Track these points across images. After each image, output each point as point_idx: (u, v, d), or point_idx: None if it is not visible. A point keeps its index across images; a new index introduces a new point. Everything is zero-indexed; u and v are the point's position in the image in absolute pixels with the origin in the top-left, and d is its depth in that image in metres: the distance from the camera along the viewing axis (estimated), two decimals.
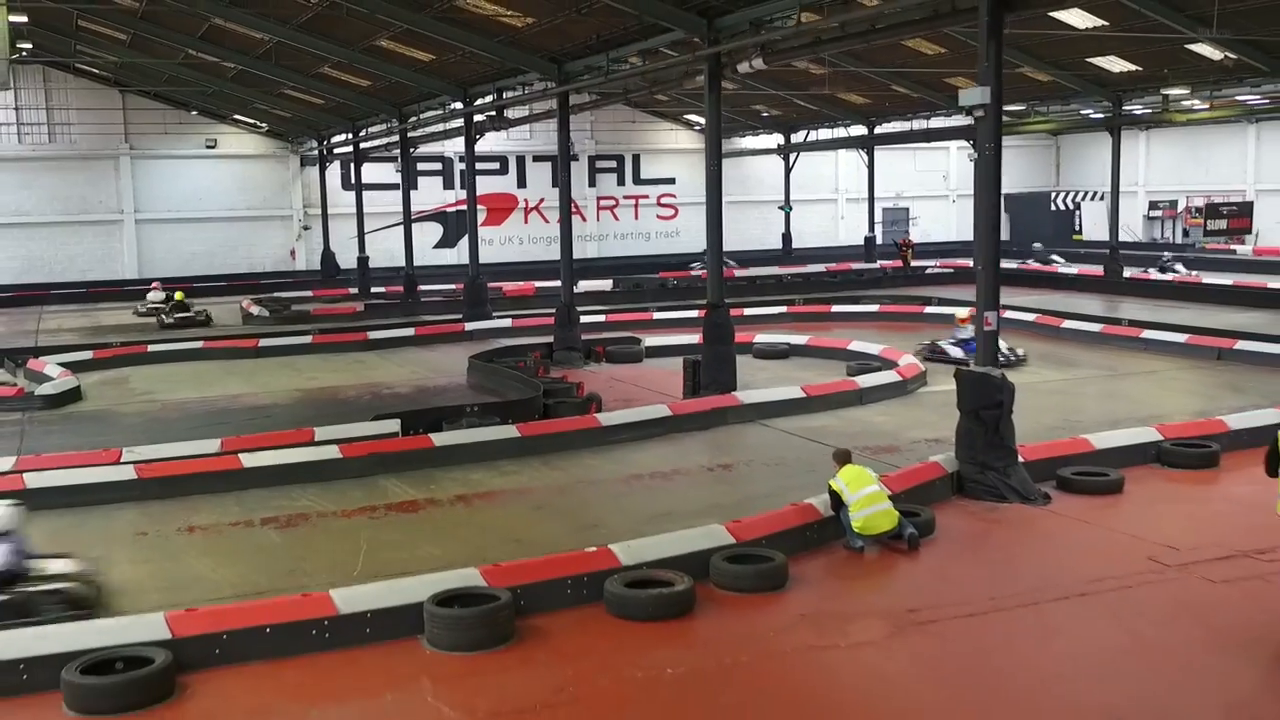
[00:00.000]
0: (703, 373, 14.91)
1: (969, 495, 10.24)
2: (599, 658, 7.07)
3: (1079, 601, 7.76)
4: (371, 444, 12.25)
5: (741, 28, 13.76)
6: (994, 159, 10.32)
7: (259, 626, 7.16)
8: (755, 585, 8.06)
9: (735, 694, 6.50)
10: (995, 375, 10.34)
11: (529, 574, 7.84)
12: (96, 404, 16.77)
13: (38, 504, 10.58)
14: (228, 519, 10.39)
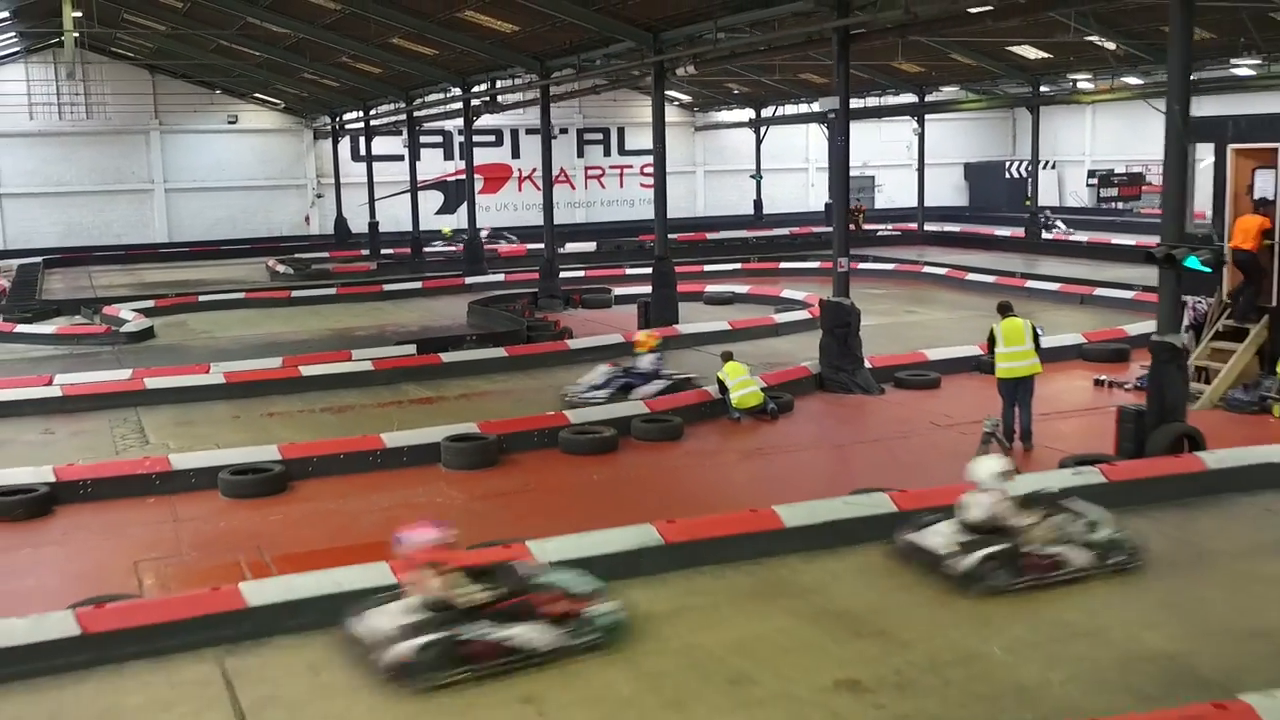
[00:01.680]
0: (651, 311, 18.95)
1: (827, 390, 14.30)
2: (551, 472, 11.16)
3: (870, 443, 11.86)
4: (395, 360, 16.32)
5: (678, 41, 17.71)
6: (844, 147, 14.24)
7: (335, 454, 11.25)
8: (660, 437, 12.13)
9: (634, 487, 10.57)
10: (846, 303, 14.36)
11: (509, 427, 11.93)
12: (168, 339, 20.75)
13: (155, 400, 14.73)
14: (295, 408, 14.43)
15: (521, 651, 6.83)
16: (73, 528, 9.95)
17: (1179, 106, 9.86)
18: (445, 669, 6.61)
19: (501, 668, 6.74)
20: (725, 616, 7.64)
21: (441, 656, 6.61)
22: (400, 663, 6.60)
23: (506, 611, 6.89)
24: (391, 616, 6.85)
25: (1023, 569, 7.81)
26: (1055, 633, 7.26)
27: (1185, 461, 9.86)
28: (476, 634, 6.73)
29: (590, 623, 7.06)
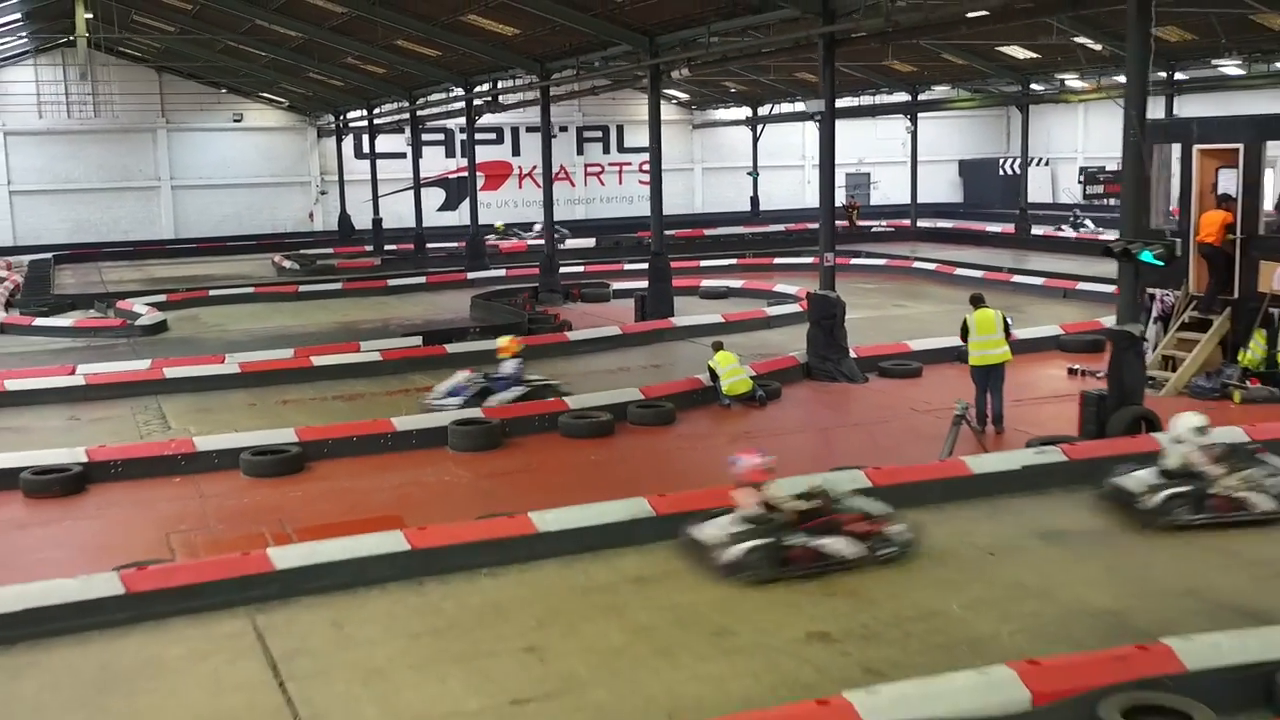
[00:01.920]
0: (648, 304, 19.68)
1: (813, 378, 15.04)
2: (551, 453, 11.91)
3: (852, 427, 12.61)
4: (402, 350, 17.06)
5: (673, 45, 18.43)
6: (830, 148, 14.95)
7: (349, 437, 11.99)
8: (654, 421, 12.87)
9: (629, 467, 11.32)
10: (832, 296, 15.09)
11: (512, 412, 12.68)
12: (180, 333, 21.48)
13: (174, 389, 15.46)
14: (307, 396, 15.17)
15: (832, 559, 8.22)
16: (105, 504, 10.69)
17: (1135, 111, 10.59)
18: (769, 569, 8.07)
19: (816, 571, 8.14)
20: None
21: (765, 559, 8.09)
22: (732, 562, 8.07)
23: (819, 526, 8.33)
24: (723, 526, 8.35)
25: (1209, 509, 8.88)
26: (1009, 593, 7.99)
27: (1141, 441, 10.59)
28: (797, 542, 8.18)
29: (888, 540, 8.40)
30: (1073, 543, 8.93)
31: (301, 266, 31.56)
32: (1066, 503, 9.84)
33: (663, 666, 6.97)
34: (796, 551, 8.18)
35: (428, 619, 7.80)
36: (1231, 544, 8.80)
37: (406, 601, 8.08)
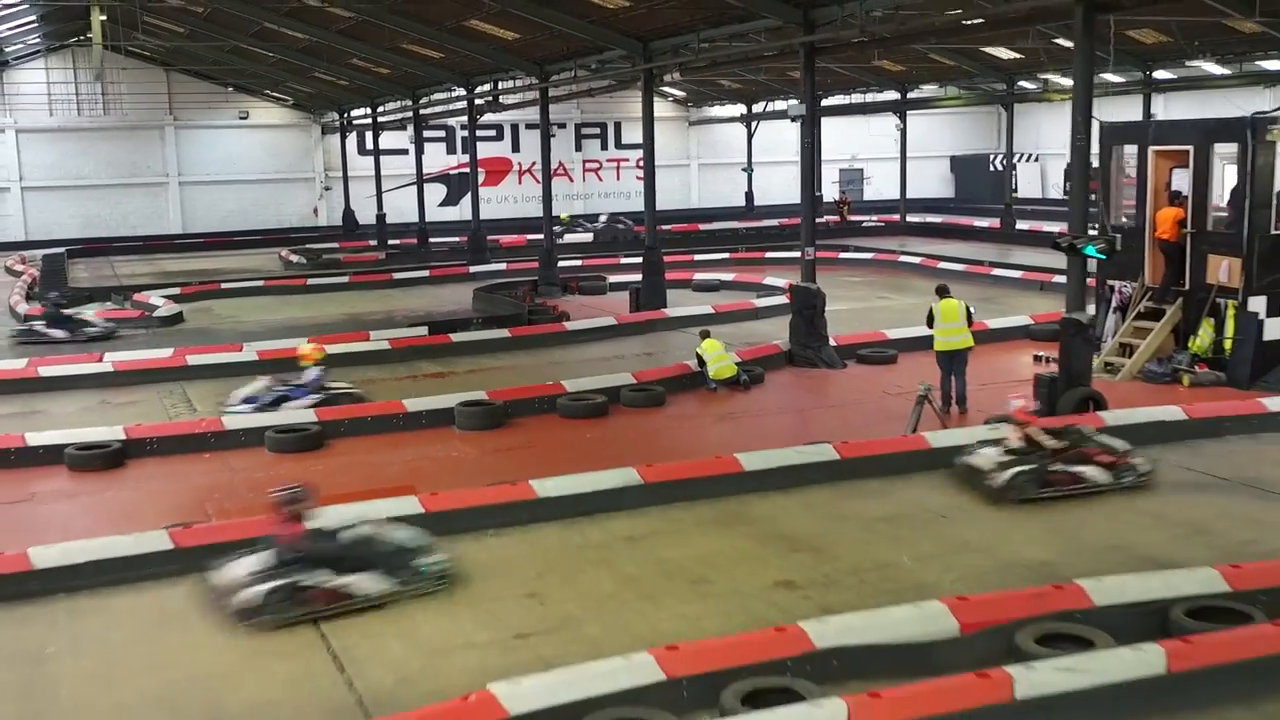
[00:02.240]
0: (642, 296, 20.70)
1: (795, 364, 16.07)
2: (550, 432, 12.94)
3: (828, 408, 13.66)
4: (410, 339, 18.09)
5: (665, 50, 19.44)
6: (810, 149, 15.96)
7: (364, 417, 13.04)
8: (645, 403, 13.90)
9: (621, 443, 12.34)
10: (813, 288, 16.11)
11: (513, 394, 13.71)
12: (196, 323, 22.49)
13: (196, 375, 16.48)
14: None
15: (1087, 483, 9.95)
16: (144, 477, 11.72)
17: (1081, 118, 11.61)
18: (1032, 489, 9.83)
19: (1074, 493, 9.90)
20: (689, 537, 9.41)
21: (1031, 481, 9.86)
22: (1002, 485, 9.87)
23: (1073, 456, 10.09)
24: (991, 456, 10.19)
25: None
26: (953, 547, 9.04)
27: (1087, 419, 11.62)
28: (1057, 468, 9.95)
29: (1133, 469, 10.14)
30: (1017, 507, 9.95)
31: (308, 261, 32.57)
32: None
33: (647, 609, 8.01)
34: (1057, 476, 9.94)
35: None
36: (1158, 507, 9.84)
37: None
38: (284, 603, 7.85)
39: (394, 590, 8.17)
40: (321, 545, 8.23)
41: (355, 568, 8.16)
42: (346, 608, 7.99)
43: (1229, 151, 14.65)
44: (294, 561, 8.06)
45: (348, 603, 8.01)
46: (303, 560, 8.08)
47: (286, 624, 7.79)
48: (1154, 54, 28.06)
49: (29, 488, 11.34)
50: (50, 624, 8.03)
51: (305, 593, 7.95)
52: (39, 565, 8.47)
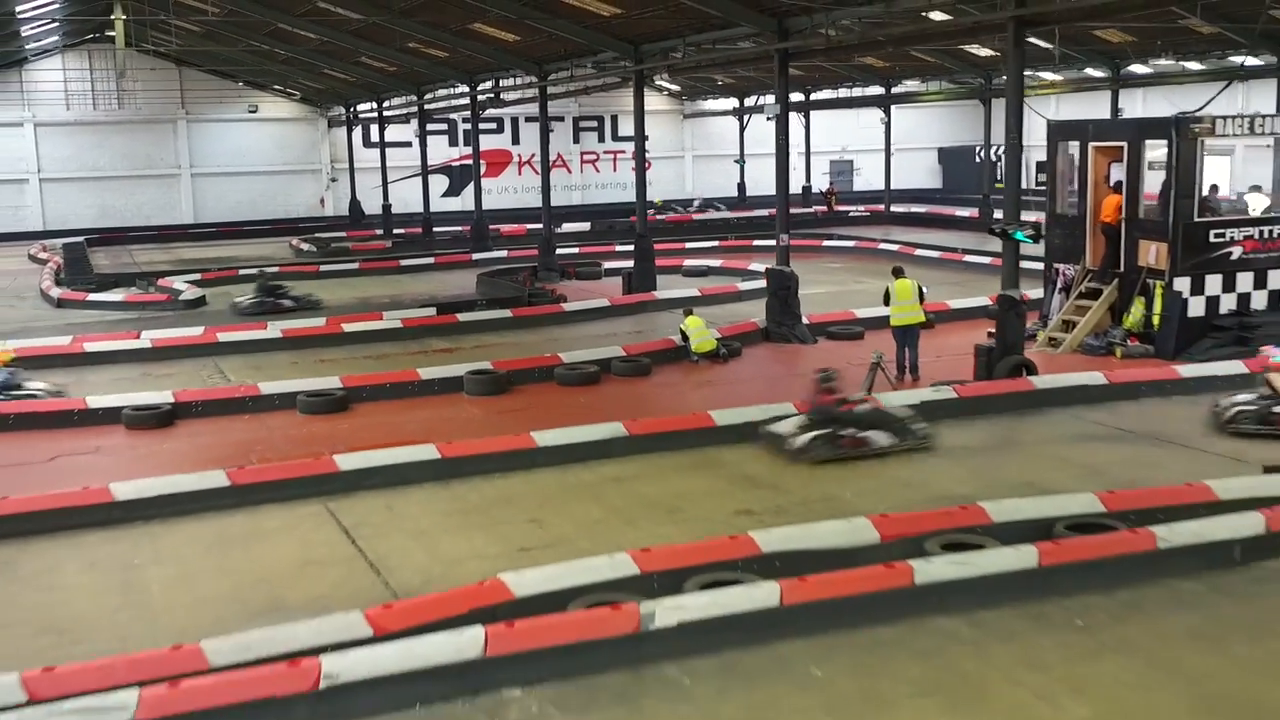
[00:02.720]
0: (633, 280, 22.34)
1: (771, 340, 17.70)
2: (548, 397, 14.59)
3: (797, 377, 15.20)
4: (420, 319, 19.71)
5: (655, 52, 21.05)
6: (784, 142, 17.55)
7: (383, 383, 14.68)
8: (633, 373, 15.55)
9: (611, 405, 13.94)
10: (787, 270, 17.73)
11: (515, 365, 15.35)
12: (218, 306, 24.07)
13: (226, 351, 18.10)
14: (340, 356, 17.78)
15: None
16: (192, 434, 13.36)
17: (1013, 119, 13.22)
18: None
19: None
20: (667, 479, 11.06)
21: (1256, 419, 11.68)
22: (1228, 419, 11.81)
23: None
24: (1239, 401, 11.95)
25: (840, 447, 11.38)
26: (891, 485, 10.68)
27: (1018, 383, 13.27)
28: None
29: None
30: (951, 456, 11.60)
31: (318, 249, 34.17)
32: (956, 428, 12.51)
33: (628, 530, 9.66)
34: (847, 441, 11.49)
35: (455, 503, 10.49)
36: (1066, 453, 11.49)
37: (439, 494, 10.77)
38: (824, 446, 11.19)
39: (895, 445, 11.42)
40: (846, 412, 11.58)
41: (870, 428, 11.43)
42: (863, 453, 11.24)
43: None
44: (829, 421, 11.41)
45: (865, 448, 11.28)
46: (835, 420, 11.41)
47: (822, 461, 11.10)
48: (1120, 52, 29.68)
49: (93, 442, 12.99)
50: (133, 543, 9.67)
51: (839, 440, 11.28)
52: (120, 497, 10.11)
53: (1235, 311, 15.91)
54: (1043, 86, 32.83)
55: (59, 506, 9.92)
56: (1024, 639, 7.39)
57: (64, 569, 9.16)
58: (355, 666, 6.63)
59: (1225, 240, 15.75)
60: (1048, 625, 7.58)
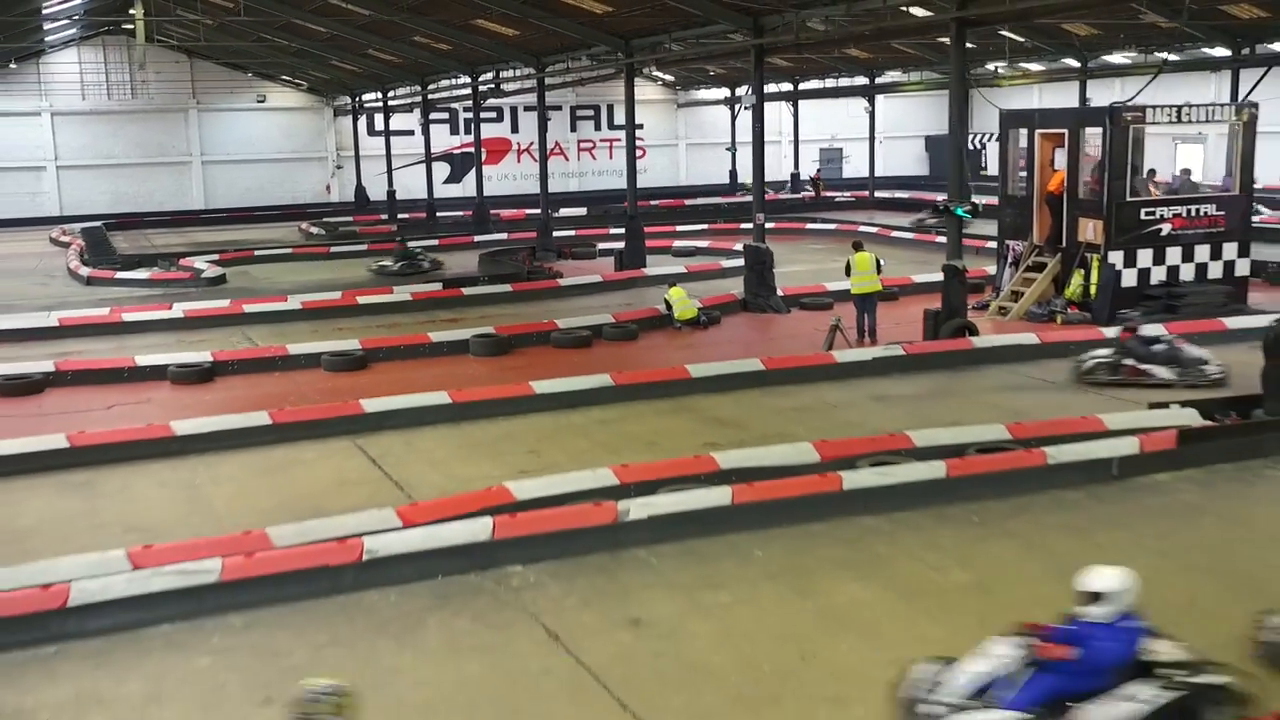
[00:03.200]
0: (624, 258, 24.07)
1: (748, 310, 19.45)
2: (544, 357, 16.34)
3: (769, 340, 16.96)
4: (427, 293, 21.45)
5: (644, 47, 22.76)
6: (759, 130, 19.25)
7: (397, 345, 16.43)
8: (621, 338, 17.30)
9: (600, 364, 15.62)
10: (763, 247, 19.45)
11: (515, 329, 17.12)
12: (238, 284, 25.81)
13: (251, 321, 19.83)
14: (356, 325, 19.48)
15: None
16: (230, 388, 15.11)
17: (956, 109, 14.93)
18: None
19: None
20: (647, 420, 12.81)
21: None
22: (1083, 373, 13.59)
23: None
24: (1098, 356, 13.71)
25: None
26: (839, 425, 12.41)
27: (960, 343, 15.02)
28: None
29: None
30: (892, 401, 13.37)
31: (326, 232, 35.86)
32: (901, 380, 14.30)
33: (612, 459, 11.34)
34: None
35: (465, 440, 12.25)
36: (992, 399, 13.25)
37: (450, 432, 12.53)
38: (1105, 371, 13.34)
39: (1175, 380, 13.10)
40: (1141, 347, 13.49)
41: (1161, 363, 13.21)
42: (1141, 383, 13.04)
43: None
44: (1128, 353, 13.50)
45: (1144, 379, 13.10)
46: (1127, 352, 13.46)
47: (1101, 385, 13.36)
48: (1088, 44, 31.36)
49: (144, 395, 14.74)
50: (193, 470, 11.42)
51: (1120, 369, 13.26)
52: (179, 433, 11.87)
53: (1165, 282, 17.63)
54: (1015, 77, 34.50)
55: (129, 439, 11.68)
56: (929, 530, 9.15)
57: (137, 487, 10.92)
58: (390, 544, 8.39)
59: (1155, 218, 17.48)
60: (950, 521, 9.33)
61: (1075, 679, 5.85)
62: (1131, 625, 5.98)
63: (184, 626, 7.71)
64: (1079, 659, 5.85)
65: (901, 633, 7.38)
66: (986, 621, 7.21)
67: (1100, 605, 5.92)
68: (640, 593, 8.12)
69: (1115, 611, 5.92)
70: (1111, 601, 5.91)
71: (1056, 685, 5.86)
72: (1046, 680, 5.88)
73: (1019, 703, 5.85)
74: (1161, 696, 5.80)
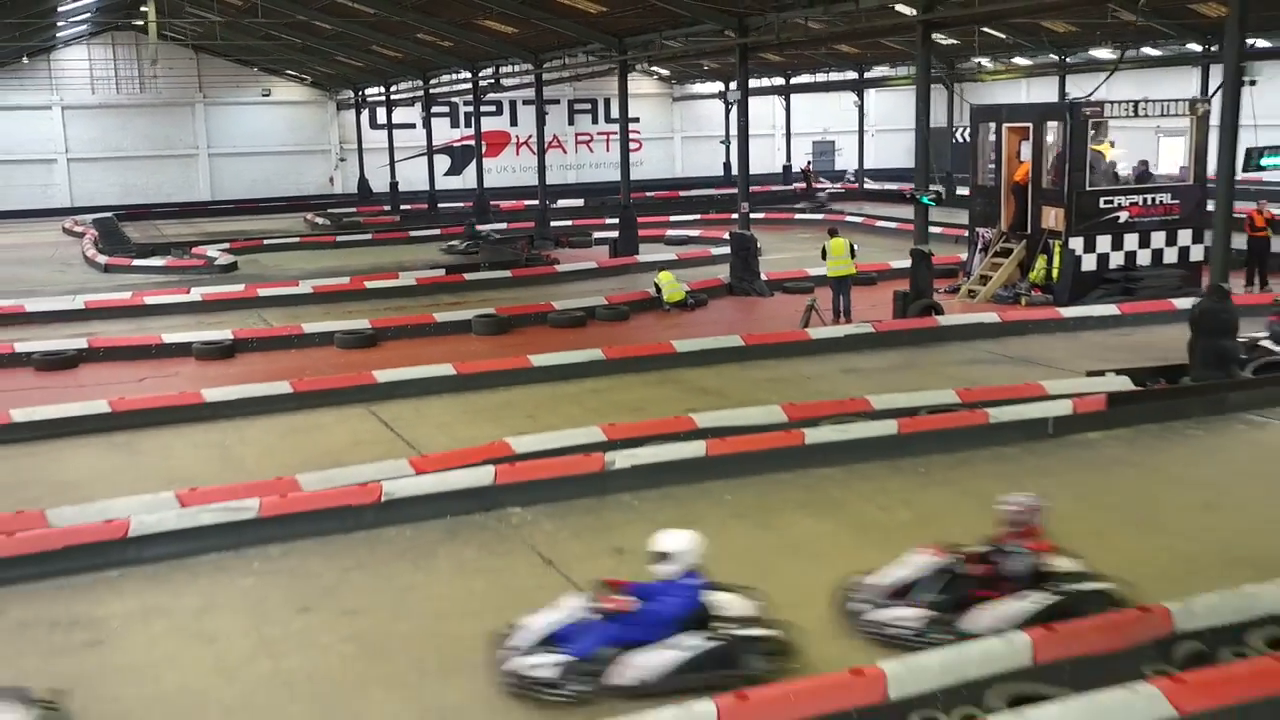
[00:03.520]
0: (618, 246, 25.27)
1: (734, 293, 20.65)
2: (541, 335, 17.55)
3: (751, 321, 18.16)
4: (432, 278, 22.65)
5: (636, 45, 23.94)
6: (744, 123, 20.42)
7: (405, 325, 17.64)
8: (613, 318, 18.51)
9: (593, 341, 16.86)
10: (748, 234, 20.65)
11: (515, 310, 18.33)
12: (249, 270, 27.00)
13: (265, 304, 21.03)
14: (364, 308, 20.67)
15: None
16: (250, 363, 16.32)
17: (922, 105, 16.11)
18: None
19: None
20: (635, 390, 14.02)
21: None
22: None
23: None
24: None
25: None
26: (811, 394, 13.60)
27: (926, 321, 16.22)
28: None
29: None
30: (861, 373, 14.57)
31: (331, 223, 37.04)
32: (870, 355, 15.51)
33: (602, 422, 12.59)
34: None
35: (469, 407, 13.46)
36: (955, 372, 14.45)
37: (455, 400, 13.74)
38: None
39: None
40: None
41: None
42: None
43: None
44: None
45: None
46: None
47: None
48: (1066, 41, 32.51)
49: (172, 369, 15.96)
50: (223, 432, 12.64)
51: None
52: (209, 400, 13.08)
53: (1123, 267, 18.82)
54: (999, 72, 35.69)
55: (165, 405, 12.91)
56: (880, 479, 10.37)
57: (174, 447, 12.14)
58: (405, 487, 9.60)
59: (1114, 206, 18.67)
60: (899, 472, 10.55)
61: (636, 629, 6.56)
62: (693, 582, 6.66)
63: (228, 555, 8.92)
64: (640, 611, 6.61)
65: (847, 558, 8.58)
66: None
67: (666, 564, 6.68)
68: (623, 528, 9.33)
69: (680, 570, 6.64)
70: (676, 560, 6.66)
71: (618, 634, 6.56)
72: (610, 629, 6.59)
73: (580, 650, 6.52)
74: (704, 646, 6.52)
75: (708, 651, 6.53)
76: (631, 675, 6.47)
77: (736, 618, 6.78)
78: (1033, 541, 7.23)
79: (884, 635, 7.04)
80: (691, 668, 6.49)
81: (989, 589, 7.16)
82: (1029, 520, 7.25)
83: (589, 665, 6.51)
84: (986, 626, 6.87)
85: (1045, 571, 7.28)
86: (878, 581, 7.26)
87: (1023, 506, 7.23)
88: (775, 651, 6.72)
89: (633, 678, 6.46)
